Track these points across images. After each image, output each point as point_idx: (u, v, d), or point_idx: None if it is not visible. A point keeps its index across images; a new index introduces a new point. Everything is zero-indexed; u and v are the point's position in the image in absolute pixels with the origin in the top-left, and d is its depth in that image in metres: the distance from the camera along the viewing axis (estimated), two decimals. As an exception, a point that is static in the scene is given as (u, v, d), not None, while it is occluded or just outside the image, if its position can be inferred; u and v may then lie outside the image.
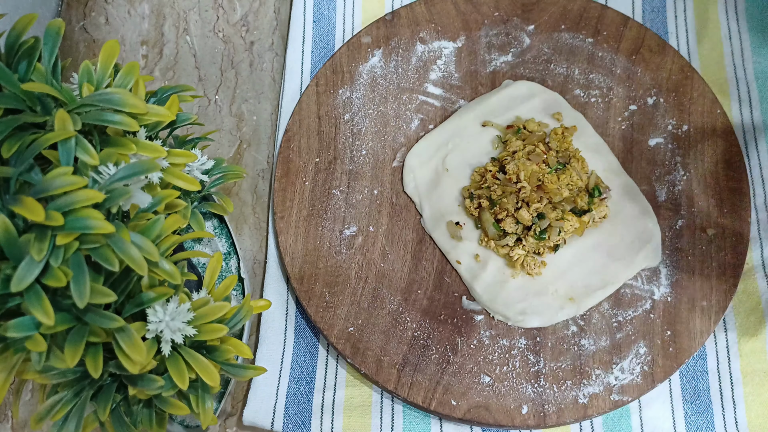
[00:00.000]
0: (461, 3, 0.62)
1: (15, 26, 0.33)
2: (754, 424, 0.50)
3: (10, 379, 0.32)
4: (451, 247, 0.53)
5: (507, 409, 0.49)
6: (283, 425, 0.50)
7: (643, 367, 0.49)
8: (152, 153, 0.35)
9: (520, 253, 0.52)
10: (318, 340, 0.53)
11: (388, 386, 0.49)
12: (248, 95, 0.62)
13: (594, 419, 0.50)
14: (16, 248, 0.29)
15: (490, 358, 0.50)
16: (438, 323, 0.51)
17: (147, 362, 0.33)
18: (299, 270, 0.53)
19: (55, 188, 0.29)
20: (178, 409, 0.36)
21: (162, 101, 0.41)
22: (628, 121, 0.58)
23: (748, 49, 0.62)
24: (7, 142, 0.31)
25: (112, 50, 0.36)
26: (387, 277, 0.53)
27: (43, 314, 0.29)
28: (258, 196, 0.59)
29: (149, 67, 0.63)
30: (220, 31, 0.65)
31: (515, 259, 0.52)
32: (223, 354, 0.37)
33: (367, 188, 0.56)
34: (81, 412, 0.35)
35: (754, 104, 0.60)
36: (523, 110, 0.57)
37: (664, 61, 0.59)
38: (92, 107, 0.33)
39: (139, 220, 0.34)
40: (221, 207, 0.49)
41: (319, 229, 0.54)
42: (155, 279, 0.34)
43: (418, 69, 0.60)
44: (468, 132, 0.57)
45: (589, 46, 0.60)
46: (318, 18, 0.63)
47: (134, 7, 0.65)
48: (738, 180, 0.55)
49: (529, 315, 0.51)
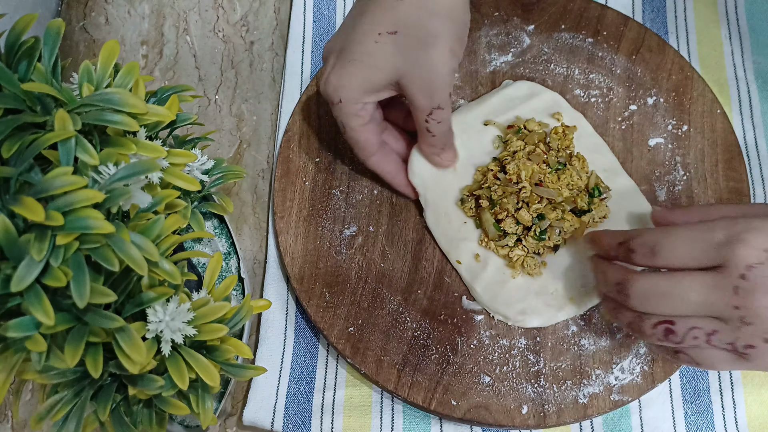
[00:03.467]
0: (461, 3, 0.62)
1: (15, 26, 0.33)
2: (754, 424, 0.50)
3: (10, 379, 0.32)
4: (452, 247, 0.53)
5: (507, 409, 0.49)
6: (283, 425, 0.50)
7: (643, 367, 0.49)
8: (152, 153, 0.35)
9: (520, 253, 0.52)
10: (318, 340, 0.53)
11: (388, 386, 0.49)
12: (248, 95, 0.62)
13: (594, 419, 0.50)
14: (16, 248, 0.29)
15: (490, 358, 0.50)
16: (438, 323, 0.51)
17: (147, 362, 0.33)
18: (299, 270, 0.53)
19: (55, 188, 0.29)
20: (178, 409, 0.36)
21: (162, 101, 0.41)
22: (628, 121, 0.58)
23: (748, 49, 0.62)
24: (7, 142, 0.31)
25: (112, 50, 0.36)
26: (387, 277, 0.53)
27: (43, 314, 0.29)
28: (258, 196, 0.59)
29: (149, 67, 0.63)
30: (220, 31, 0.65)
31: (515, 260, 0.52)
32: (223, 354, 0.37)
33: (367, 188, 0.56)
34: (81, 412, 0.35)
35: (754, 104, 0.60)
36: (523, 110, 0.57)
37: (664, 61, 0.59)
38: (92, 107, 0.33)
39: (139, 220, 0.34)
40: (221, 207, 0.49)
41: (319, 229, 0.54)
42: (155, 279, 0.34)
43: (418, 69, 0.60)
44: (472, 130, 0.57)
45: (589, 46, 0.60)
46: (318, 18, 0.63)
47: (134, 7, 0.65)
48: (738, 180, 0.55)
49: (529, 315, 0.51)
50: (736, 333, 0.38)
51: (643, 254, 0.41)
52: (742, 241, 0.37)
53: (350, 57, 0.45)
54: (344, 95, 0.46)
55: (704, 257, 0.38)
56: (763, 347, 0.37)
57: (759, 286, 0.36)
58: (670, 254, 0.40)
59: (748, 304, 0.37)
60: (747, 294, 0.37)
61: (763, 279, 0.36)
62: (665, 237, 0.40)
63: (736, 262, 0.37)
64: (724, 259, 0.37)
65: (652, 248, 0.40)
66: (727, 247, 0.37)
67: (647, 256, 0.41)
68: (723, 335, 0.38)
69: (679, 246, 0.39)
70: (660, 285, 0.40)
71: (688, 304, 0.38)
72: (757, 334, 0.37)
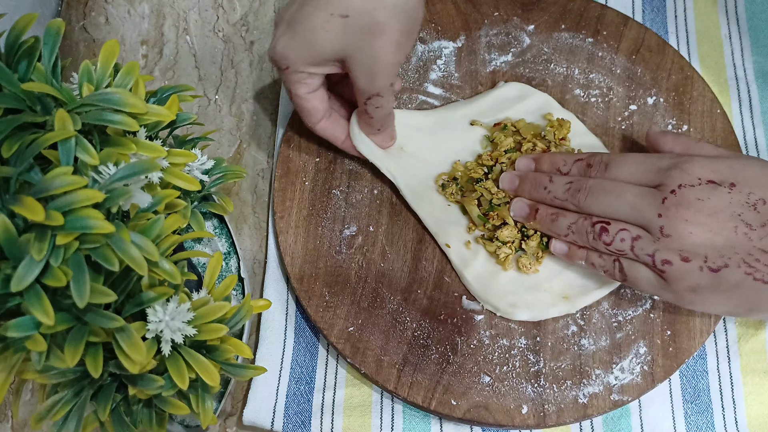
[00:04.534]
0: (461, 3, 0.62)
1: (15, 26, 0.33)
2: (754, 424, 0.50)
3: (10, 379, 0.32)
4: (440, 229, 0.53)
5: (507, 408, 0.49)
6: (283, 425, 0.50)
7: (643, 367, 0.49)
8: (152, 153, 0.35)
9: (507, 251, 0.51)
10: (318, 340, 0.53)
11: (388, 386, 0.49)
12: (248, 95, 0.62)
13: (594, 419, 0.50)
14: (16, 248, 0.29)
15: (490, 358, 0.50)
16: (438, 323, 0.51)
17: (147, 362, 0.33)
18: (299, 270, 0.53)
19: (55, 188, 0.29)
20: (178, 409, 0.36)
21: (162, 101, 0.41)
22: (628, 121, 0.58)
23: (748, 49, 0.62)
24: (7, 142, 0.31)
25: (112, 50, 0.36)
26: (387, 276, 0.53)
27: (43, 314, 0.29)
28: (258, 196, 0.59)
29: (149, 67, 0.63)
30: (220, 30, 0.65)
31: (502, 258, 0.51)
32: (223, 354, 0.37)
33: (367, 188, 0.56)
34: (81, 412, 0.35)
35: (754, 104, 0.60)
36: (513, 112, 0.57)
37: (664, 61, 0.59)
38: (92, 107, 0.33)
39: (139, 220, 0.34)
40: (221, 207, 0.49)
41: (319, 229, 0.54)
42: (155, 279, 0.34)
43: (418, 69, 0.60)
44: (454, 127, 0.57)
45: (589, 46, 0.60)
46: (318, 18, 0.63)
47: (134, 7, 0.65)
48: (738, 180, 0.55)
49: (519, 308, 0.51)
50: (656, 244, 0.43)
51: (596, 169, 0.48)
52: (681, 168, 0.44)
53: (299, 29, 0.46)
54: (290, 64, 0.47)
55: (646, 178, 0.46)
56: (679, 265, 0.42)
57: (683, 201, 0.43)
58: (618, 170, 0.47)
59: (670, 215, 0.42)
60: (671, 205, 0.43)
61: (689, 197, 0.42)
62: (620, 157, 0.48)
63: (669, 182, 0.44)
64: (662, 180, 0.44)
65: (606, 164, 0.48)
66: (667, 171, 0.44)
67: (600, 170, 0.48)
68: (645, 243, 0.44)
69: (629, 165, 0.47)
70: (605, 184, 0.47)
71: (623, 205, 0.45)
72: (674, 248, 0.42)
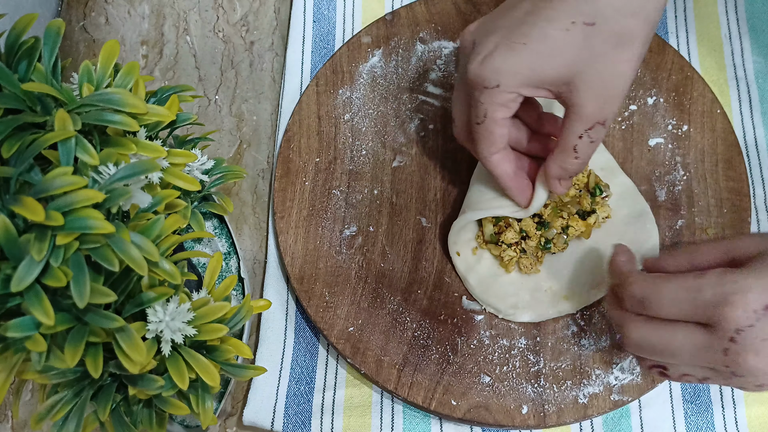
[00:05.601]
0: (461, 3, 0.62)
1: (15, 26, 0.33)
2: (754, 424, 0.50)
3: (10, 379, 0.32)
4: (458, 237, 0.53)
5: (507, 409, 0.49)
6: (283, 425, 0.50)
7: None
8: (152, 153, 0.35)
9: (512, 254, 0.51)
10: (318, 340, 0.53)
11: (388, 386, 0.49)
12: (248, 95, 0.62)
13: (594, 419, 0.50)
14: (16, 248, 0.29)
15: (490, 358, 0.50)
16: (438, 323, 0.51)
17: (147, 362, 0.33)
18: (299, 270, 0.53)
19: (55, 188, 0.29)
20: (178, 409, 0.36)
21: (162, 101, 0.41)
22: (628, 121, 0.58)
23: (748, 49, 0.62)
24: (7, 142, 0.31)
25: (112, 50, 0.36)
26: (387, 277, 0.53)
27: (43, 314, 0.29)
28: (258, 196, 0.59)
29: (149, 67, 0.63)
30: (220, 31, 0.65)
31: (506, 260, 0.51)
32: (223, 354, 0.37)
33: (367, 188, 0.56)
34: (81, 412, 0.35)
35: (754, 104, 0.60)
36: None
37: (664, 61, 0.59)
38: (92, 107, 0.33)
39: (139, 220, 0.34)
40: (221, 207, 0.49)
41: (319, 229, 0.54)
42: (155, 279, 0.34)
43: (418, 69, 0.60)
44: None
45: (589, 46, 0.60)
46: (318, 18, 0.63)
47: (134, 7, 0.65)
48: (738, 180, 0.55)
49: (520, 309, 0.51)
50: (727, 380, 0.39)
51: (632, 305, 0.41)
52: (731, 303, 0.37)
53: (523, 40, 0.40)
54: (504, 80, 0.40)
55: (693, 314, 0.38)
56: (755, 389, 0.39)
57: (749, 348, 0.37)
58: (659, 309, 0.40)
59: (739, 363, 0.37)
60: (737, 356, 0.37)
61: (753, 341, 0.37)
62: (653, 292, 0.40)
63: (725, 325, 0.37)
64: (714, 321, 0.37)
65: (641, 301, 0.40)
66: (715, 308, 0.37)
67: (637, 307, 0.41)
68: (715, 381, 0.40)
69: (667, 303, 0.39)
70: (652, 339, 0.40)
71: (680, 359, 0.39)
72: (749, 382, 0.39)
